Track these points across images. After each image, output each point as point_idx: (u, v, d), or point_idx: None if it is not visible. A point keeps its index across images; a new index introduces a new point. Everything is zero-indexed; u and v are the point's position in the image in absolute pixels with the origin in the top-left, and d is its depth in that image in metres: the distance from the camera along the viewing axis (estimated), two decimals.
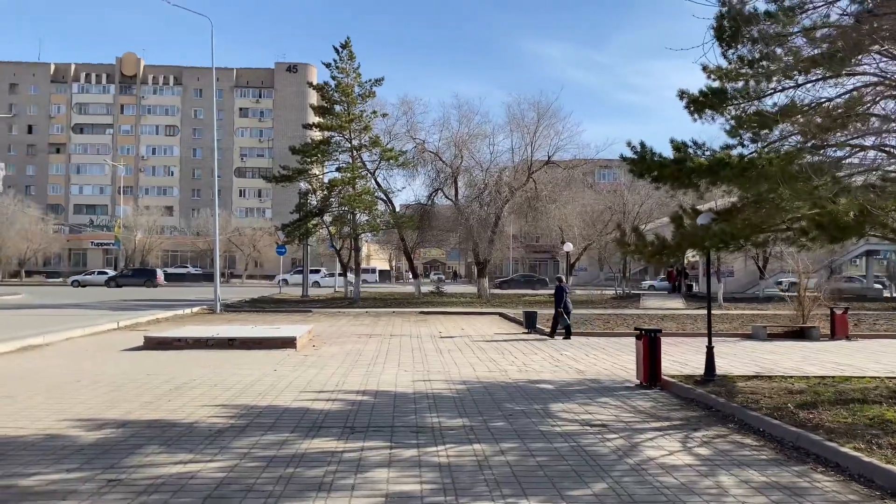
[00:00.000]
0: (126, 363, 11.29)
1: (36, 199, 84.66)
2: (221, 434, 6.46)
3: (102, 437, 6.31)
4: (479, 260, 33.66)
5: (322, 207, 33.01)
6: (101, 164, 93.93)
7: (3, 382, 9.24)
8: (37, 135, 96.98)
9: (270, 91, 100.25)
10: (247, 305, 28.93)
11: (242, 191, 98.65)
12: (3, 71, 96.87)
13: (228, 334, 14.01)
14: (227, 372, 10.31)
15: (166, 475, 5.12)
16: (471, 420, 7.28)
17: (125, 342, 14.41)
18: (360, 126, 32.52)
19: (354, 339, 15.80)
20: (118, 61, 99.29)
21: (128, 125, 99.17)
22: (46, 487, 4.81)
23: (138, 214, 76.94)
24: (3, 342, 13.09)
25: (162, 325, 19.13)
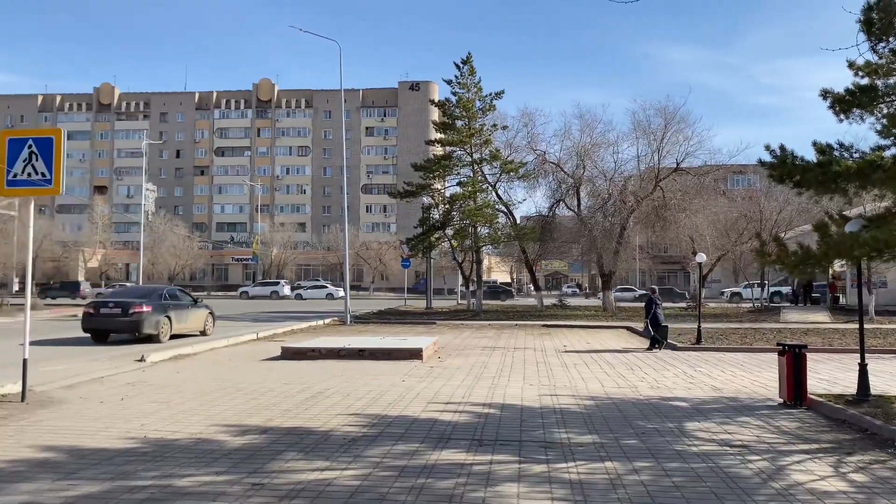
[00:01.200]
0: (265, 372, 11.92)
1: (183, 218, 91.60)
2: (355, 443, 6.67)
3: (247, 442, 6.69)
4: (604, 272, 32.92)
5: (444, 221, 33.55)
6: (240, 184, 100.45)
7: (159, 389, 10.02)
8: (183, 159, 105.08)
9: (394, 109, 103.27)
10: (374, 317, 29.82)
11: (369, 206, 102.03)
12: (156, 101, 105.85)
13: (359, 345, 14.48)
14: (359, 382, 10.65)
15: (305, 481, 5.34)
16: (601, 437, 7.09)
17: (264, 352, 15.24)
18: (480, 140, 32.83)
19: (478, 351, 15.87)
20: (255, 87, 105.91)
21: (264, 147, 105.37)
22: (199, 488, 5.15)
23: (274, 231, 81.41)
24: (159, 351, 14.23)
25: (297, 335, 20.09)
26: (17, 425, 7.42)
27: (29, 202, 9.96)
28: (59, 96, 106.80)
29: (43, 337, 18.36)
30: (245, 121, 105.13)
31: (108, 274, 77.44)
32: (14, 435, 6.95)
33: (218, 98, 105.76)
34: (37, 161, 9.09)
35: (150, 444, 6.55)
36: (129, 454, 6.17)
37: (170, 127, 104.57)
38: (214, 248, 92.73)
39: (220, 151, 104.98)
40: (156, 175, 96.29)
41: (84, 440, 6.70)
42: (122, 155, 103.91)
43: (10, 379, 9.68)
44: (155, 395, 9.38)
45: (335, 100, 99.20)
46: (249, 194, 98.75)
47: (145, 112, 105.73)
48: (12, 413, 8.10)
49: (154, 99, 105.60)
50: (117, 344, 17.22)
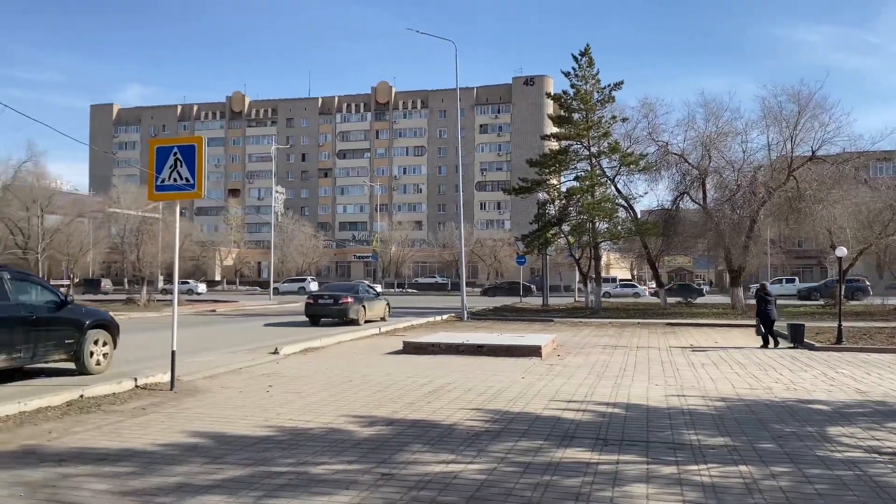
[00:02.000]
0: (389, 366, 12.28)
1: (309, 218, 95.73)
2: (478, 437, 6.74)
3: (375, 433, 6.92)
4: (732, 268, 31.35)
5: (560, 217, 33.13)
6: (360, 185, 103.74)
7: (292, 380, 10.56)
8: (308, 162, 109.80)
9: (508, 106, 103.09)
10: (491, 314, 29.93)
11: (483, 204, 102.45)
12: (283, 108, 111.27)
13: (477, 341, 14.61)
14: (478, 377, 10.74)
15: (432, 473, 5.46)
16: (733, 439, 6.78)
17: (387, 346, 15.69)
18: (598, 133, 32.15)
19: (599, 349, 15.58)
20: (373, 90, 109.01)
21: (382, 148, 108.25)
22: (332, 476, 5.38)
23: (392, 229, 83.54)
24: (291, 344, 15.00)
25: (417, 331, 20.53)
26: (168, 412, 8.05)
27: (175, 205, 10.75)
28: (196, 106, 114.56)
29: (185, 330, 19.78)
30: (364, 123, 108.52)
31: (241, 272, 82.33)
32: (165, 421, 7.55)
33: (339, 102, 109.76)
34: (181, 167, 9.81)
35: (286, 433, 6.91)
36: (268, 441, 6.55)
37: (295, 132, 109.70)
38: (338, 246, 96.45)
39: (341, 154, 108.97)
40: (283, 178, 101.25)
41: (227, 427, 7.18)
42: (253, 159, 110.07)
43: (161, 369, 10.52)
44: (288, 386, 9.90)
45: (450, 99, 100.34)
46: (369, 194, 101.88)
47: (273, 118, 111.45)
48: (163, 401, 8.80)
49: (281, 106, 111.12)
50: (302, 325, 18.25)
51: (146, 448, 6.30)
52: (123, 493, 4.92)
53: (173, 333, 9.94)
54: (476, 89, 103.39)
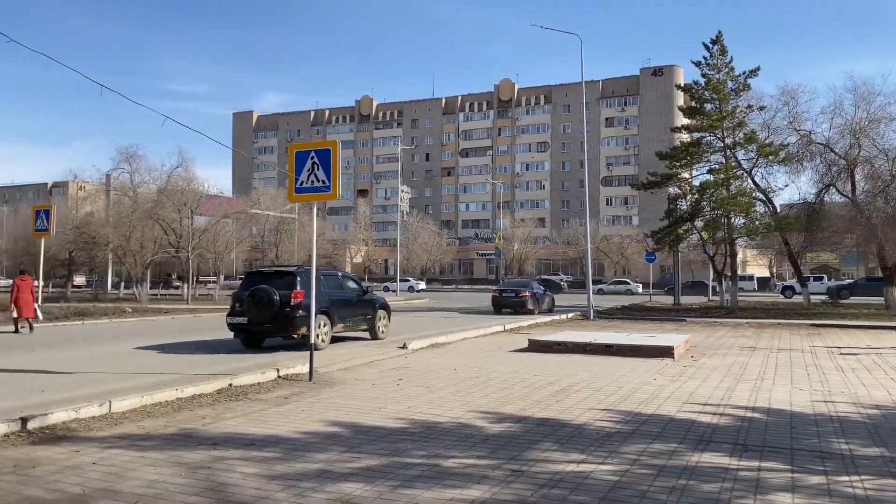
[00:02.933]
0: (514, 363, 12.31)
1: (432, 216, 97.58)
2: (609, 438, 6.63)
3: (503, 430, 6.98)
4: (886, 265, 28.85)
5: (693, 212, 31.80)
6: (483, 183, 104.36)
7: (420, 374, 10.83)
8: (432, 161, 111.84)
9: (635, 98, 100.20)
10: (618, 313, 29.24)
11: (609, 199, 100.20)
12: (408, 109, 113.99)
13: (605, 340, 14.33)
14: (607, 378, 10.55)
15: (562, 472, 5.43)
16: (890, 451, 6.26)
17: (511, 344, 15.73)
18: (733, 123, 30.58)
19: (736, 351, 14.83)
20: (496, 88, 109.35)
21: (504, 146, 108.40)
22: (463, 470, 5.48)
23: (515, 227, 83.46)
24: (419, 339, 15.38)
25: (542, 329, 20.42)
26: (307, 402, 8.50)
27: (312, 206, 11.32)
28: (328, 111, 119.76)
29: None
30: (487, 122, 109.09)
31: (370, 268, 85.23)
32: (306, 410, 7.97)
33: (462, 102, 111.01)
34: (318, 170, 10.31)
35: (417, 426, 7.11)
36: (400, 433, 6.77)
37: (420, 132, 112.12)
38: (461, 244, 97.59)
39: (464, 152, 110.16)
40: (409, 177, 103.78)
41: (362, 418, 7.49)
42: (380, 160, 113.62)
43: (300, 360, 11.11)
44: (417, 380, 10.16)
45: (573, 93, 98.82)
46: (491, 192, 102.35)
47: (399, 120, 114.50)
48: (303, 391, 9.30)
49: (406, 107, 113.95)
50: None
51: (289, 435, 6.69)
52: (270, 476, 5.26)
53: (311, 327, 10.46)
54: (601, 82, 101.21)
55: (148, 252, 41.12)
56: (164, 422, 7.33)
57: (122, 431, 6.86)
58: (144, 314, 27.63)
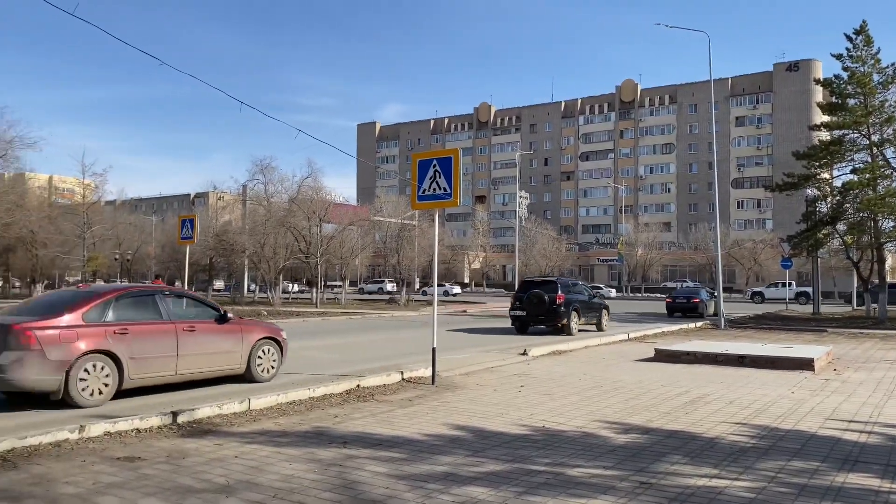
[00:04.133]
0: (639, 373, 11.96)
1: (551, 221, 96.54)
2: (744, 453, 6.31)
3: (629, 440, 6.80)
4: None
5: (834, 215, 29.60)
6: (604, 187, 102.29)
7: (542, 382, 10.76)
8: (551, 166, 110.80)
9: (768, 95, 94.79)
10: (751, 322, 27.71)
11: (740, 202, 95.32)
12: (526, 114, 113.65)
13: (738, 351, 13.63)
14: (740, 390, 10.03)
15: (693, 486, 5.23)
16: None
17: (635, 353, 15.29)
18: (880, 119, 28.20)
19: (886, 365, 13.66)
20: (617, 90, 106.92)
21: (627, 148, 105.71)
22: (589, 480, 5.40)
23: (638, 231, 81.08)
24: (540, 346, 15.28)
25: (668, 338, 19.71)
26: (431, 405, 8.67)
27: (434, 213, 11.54)
28: (447, 119, 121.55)
29: (441, 329, 21.08)
30: (608, 124, 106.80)
31: (488, 274, 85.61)
32: (429, 413, 8.13)
33: (582, 105, 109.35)
34: (440, 178, 10.51)
35: (540, 433, 7.07)
36: (524, 440, 6.76)
37: (538, 137, 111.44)
38: (581, 249, 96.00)
39: (584, 156, 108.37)
40: (527, 183, 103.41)
41: (485, 423, 7.54)
42: (498, 167, 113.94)
43: (422, 364, 11.35)
44: (539, 388, 10.10)
45: (701, 92, 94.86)
46: (613, 196, 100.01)
47: (517, 125, 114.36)
48: (426, 394, 9.50)
49: (524, 113, 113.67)
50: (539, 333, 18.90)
51: (414, 437, 6.85)
52: (398, 476, 5.41)
53: (433, 332, 10.67)
54: (731, 80, 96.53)
55: (280, 258, 43.35)
56: (297, 419, 7.71)
57: (261, 428, 7.28)
58: (278, 317, 29.14)
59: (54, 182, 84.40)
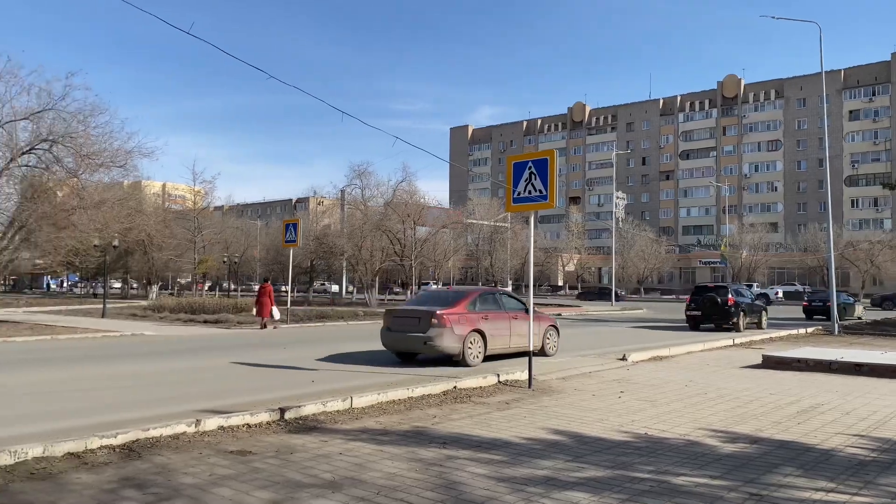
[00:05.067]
0: (747, 380, 11.46)
1: (650, 223, 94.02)
2: (864, 467, 5.94)
3: (737, 450, 6.54)
4: None
5: None
6: (706, 186, 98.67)
7: (642, 387, 10.50)
8: (649, 165, 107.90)
9: (886, 86, 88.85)
10: (867, 328, 26.00)
11: (854, 201, 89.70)
12: (622, 113, 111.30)
13: (854, 359, 12.82)
14: (858, 400, 9.43)
15: (809, 500, 4.97)
16: None
17: (741, 359, 14.66)
18: None
19: None
20: (719, 85, 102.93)
21: (730, 146, 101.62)
22: (695, 489, 5.23)
23: (743, 232, 77.70)
24: (639, 351, 14.93)
25: (776, 344, 18.79)
26: (528, 408, 8.64)
27: (529, 216, 11.49)
28: (539, 120, 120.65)
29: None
30: (709, 121, 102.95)
31: (582, 277, 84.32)
32: (527, 416, 8.11)
33: (682, 101, 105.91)
34: (535, 180, 10.45)
35: (642, 440, 6.91)
36: (625, 447, 6.62)
37: (635, 136, 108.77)
38: (681, 251, 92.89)
39: (684, 155, 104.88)
40: (623, 183, 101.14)
41: (583, 428, 7.44)
42: (593, 167, 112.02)
43: (518, 367, 11.33)
44: (639, 393, 9.87)
45: (810, 86, 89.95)
46: (715, 196, 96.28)
47: (613, 125, 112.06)
48: (522, 397, 9.47)
49: (620, 111, 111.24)
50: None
51: (512, 440, 6.85)
52: (499, 478, 5.43)
53: (530, 335, 10.62)
54: (843, 71, 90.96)
55: (376, 260, 44.37)
56: (397, 419, 7.87)
57: (363, 426, 7.48)
58: (374, 318, 29.79)
59: (167, 189, 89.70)
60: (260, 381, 11.19)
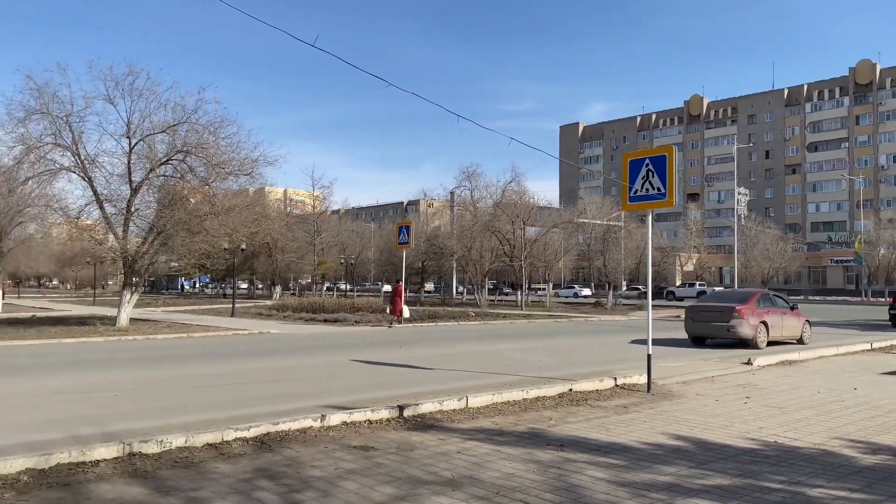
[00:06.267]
0: (887, 387, 10.65)
1: (774, 219, 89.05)
2: None
3: (878, 462, 6.10)
4: None
5: None
6: (837, 179, 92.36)
7: (770, 393, 9.99)
8: (773, 159, 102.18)
9: None
10: None
11: None
12: (743, 105, 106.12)
13: None
14: None
15: None
16: None
17: (880, 364, 13.64)
18: None
19: None
20: (851, 72, 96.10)
21: (864, 136, 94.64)
22: (832, 502, 4.94)
23: (880, 229, 72.04)
24: (766, 355, 14.20)
25: None
26: (647, 413, 8.42)
27: (647, 215, 11.20)
28: (654, 115, 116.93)
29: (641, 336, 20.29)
30: (841, 110, 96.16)
31: (702, 277, 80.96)
32: (646, 421, 7.91)
33: (809, 91, 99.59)
34: (653, 177, 10.17)
35: (771, 449, 6.58)
36: (753, 455, 6.33)
37: (758, 128, 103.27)
38: (809, 249, 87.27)
39: (812, 147, 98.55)
40: (745, 178, 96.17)
41: (707, 434, 7.18)
42: (712, 162, 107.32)
43: (636, 370, 11.07)
44: (767, 400, 9.39)
45: None
46: (848, 189, 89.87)
47: (733, 117, 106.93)
48: (640, 401, 9.24)
49: (741, 103, 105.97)
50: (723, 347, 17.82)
51: (632, 444, 6.71)
52: (619, 483, 5.34)
53: (649, 337, 10.36)
54: None
55: (486, 261, 44.54)
56: (513, 420, 7.89)
57: (479, 425, 7.56)
58: (485, 318, 29.97)
59: (289, 194, 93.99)
60: (377, 377, 11.54)
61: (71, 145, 21.93)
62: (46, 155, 21.87)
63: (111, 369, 12.89)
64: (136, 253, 22.66)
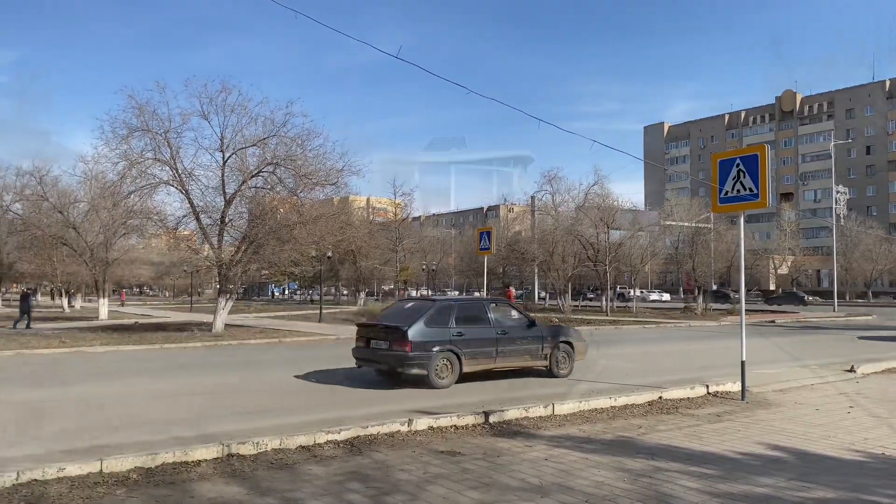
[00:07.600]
0: None
1: (877, 219, 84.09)
2: None
3: None
4: None
5: None
6: None
7: (876, 402, 9.42)
8: (874, 155, 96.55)
9: None
10: None
11: None
12: (840, 99, 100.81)
13: None
14: None
15: None
16: None
17: None
18: None
19: None
20: None
21: None
22: None
23: None
24: (870, 363, 13.43)
25: None
26: (742, 422, 8.12)
27: (739, 216, 10.82)
28: (743, 112, 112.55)
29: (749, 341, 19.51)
30: None
31: (798, 280, 77.30)
32: (741, 430, 7.62)
33: None
34: (744, 178, 9.82)
35: (879, 461, 6.23)
36: (858, 467, 6.01)
37: (857, 123, 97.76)
38: None
39: None
40: (843, 175, 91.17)
41: (807, 445, 6.85)
42: (807, 160, 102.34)
43: (729, 378, 10.69)
44: (873, 409, 8.88)
45: None
46: None
47: (829, 112, 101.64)
48: (734, 410, 8.92)
49: (838, 97, 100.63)
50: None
51: (726, 454, 6.49)
52: (712, 494, 5.17)
53: (742, 344, 10.00)
54: None
55: (569, 266, 43.95)
56: (601, 427, 7.78)
57: (566, 433, 7.49)
58: (569, 324, 29.55)
59: (371, 202, 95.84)
60: (461, 383, 11.59)
61: (169, 160, 23.10)
62: (147, 170, 23.08)
63: (207, 374, 13.49)
64: (230, 261, 23.60)
